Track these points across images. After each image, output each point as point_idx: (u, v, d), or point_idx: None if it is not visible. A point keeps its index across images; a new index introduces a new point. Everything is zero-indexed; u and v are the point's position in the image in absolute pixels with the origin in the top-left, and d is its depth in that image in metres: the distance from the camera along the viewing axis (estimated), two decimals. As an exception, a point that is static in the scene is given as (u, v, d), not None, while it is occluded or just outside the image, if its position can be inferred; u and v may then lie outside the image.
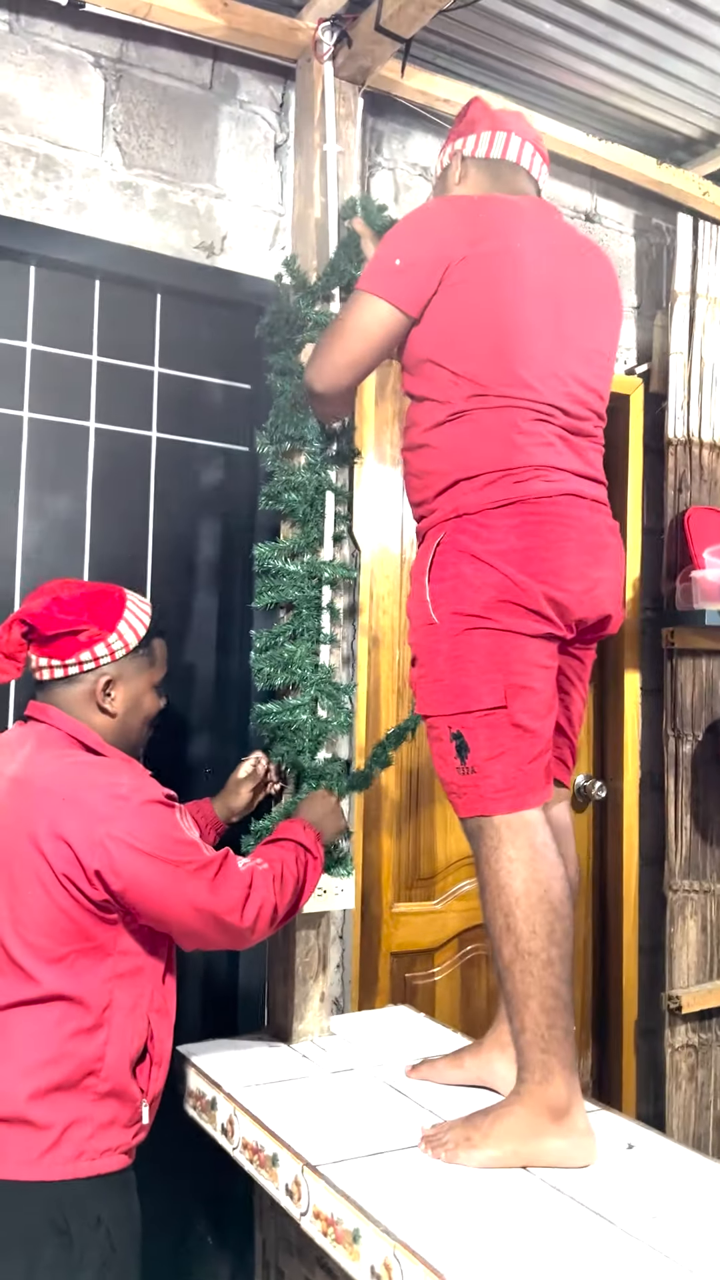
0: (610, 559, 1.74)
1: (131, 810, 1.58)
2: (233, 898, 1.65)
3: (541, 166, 1.93)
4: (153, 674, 1.82)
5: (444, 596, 1.66)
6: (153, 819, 1.60)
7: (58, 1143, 1.53)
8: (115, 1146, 1.60)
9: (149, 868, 1.57)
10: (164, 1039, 1.71)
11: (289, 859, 1.80)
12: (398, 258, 1.74)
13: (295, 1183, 1.61)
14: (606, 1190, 1.51)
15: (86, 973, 1.58)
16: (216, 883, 1.63)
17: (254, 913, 1.67)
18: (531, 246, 1.73)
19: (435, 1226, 1.40)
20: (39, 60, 2.24)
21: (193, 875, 1.60)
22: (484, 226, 1.72)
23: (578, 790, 3.00)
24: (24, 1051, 1.53)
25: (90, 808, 1.57)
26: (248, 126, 2.48)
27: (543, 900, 1.57)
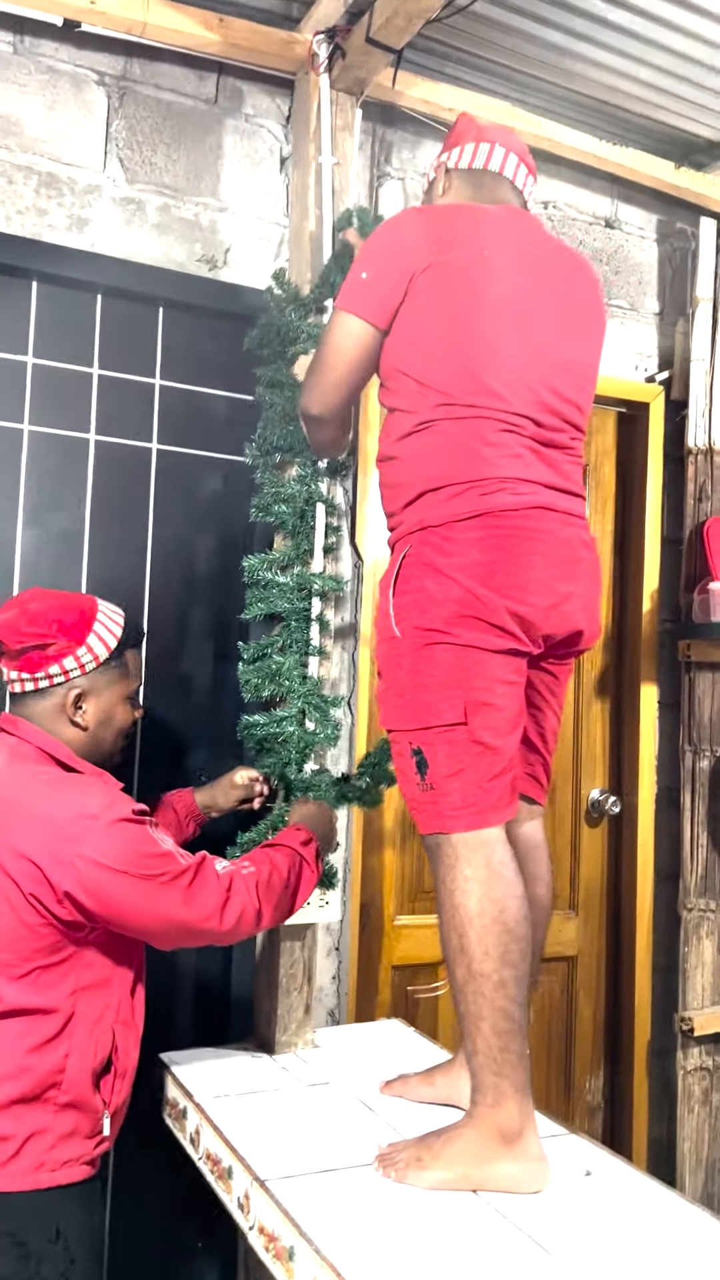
0: (582, 573, 1.71)
1: (100, 829, 1.57)
2: (209, 904, 1.64)
3: (527, 177, 1.91)
4: (126, 685, 1.82)
5: (406, 610, 1.65)
6: (122, 836, 1.59)
7: (17, 1154, 1.54)
8: (76, 1158, 1.60)
9: (121, 885, 1.56)
10: (129, 1051, 1.71)
11: (280, 863, 1.80)
12: (365, 271, 1.74)
13: (246, 1196, 1.61)
14: (553, 1218, 1.48)
15: (50, 986, 1.59)
16: (192, 890, 1.63)
17: (234, 916, 1.67)
18: (502, 255, 1.71)
19: (366, 1248, 1.38)
20: (43, 80, 2.28)
21: (166, 887, 1.60)
22: (451, 235, 1.70)
23: (591, 805, 2.95)
24: None
25: (58, 827, 1.57)
26: (252, 139, 2.50)
27: (496, 921, 1.54)
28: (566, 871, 2.94)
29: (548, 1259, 1.38)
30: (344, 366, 1.80)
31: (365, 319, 1.74)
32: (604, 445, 3.02)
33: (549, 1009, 2.89)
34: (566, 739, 2.94)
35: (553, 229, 2.89)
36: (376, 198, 2.65)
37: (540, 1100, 2.75)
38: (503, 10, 2.31)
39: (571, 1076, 2.91)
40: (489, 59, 2.51)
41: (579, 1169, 1.65)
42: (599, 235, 2.96)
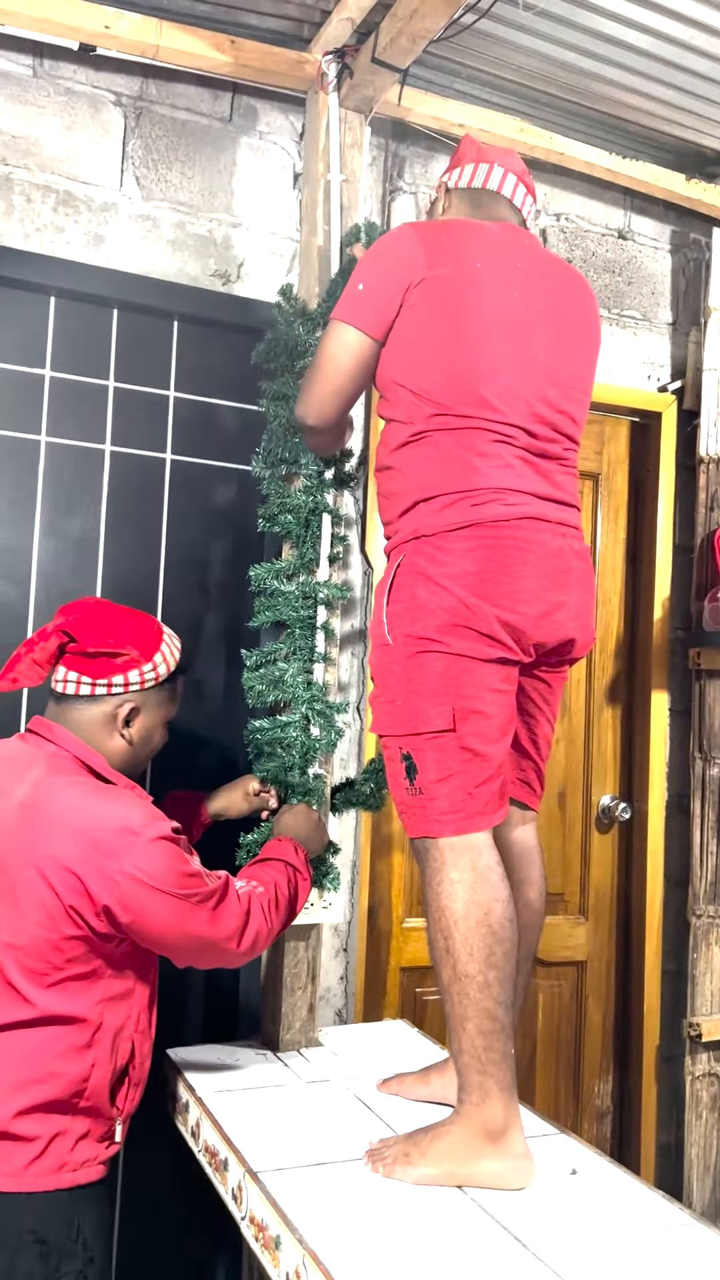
0: (574, 582, 1.74)
1: (142, 845, 1.59)
2: (231, 926, 1.69)
3: (526, 197, 1.95)
4: (170, 709, 1.86)
5: (399, 618, 1.69)
6: (163, 855, 1.61)
7: (42, 1154, 1.57)
8: (92, 1158, 1.64)
9: (157, 902, 1.59)
10: (144, 1060, 1.75)
11: (281, 881, 1.84)
12: (361, 283, 1.79)
13: (239, 1187, 1.66)
14: (534, 1214, 1.52)
15: (80, 995, 1.62)
16: (218, 914, 1.67)
17: (250, 940, 1.72)
18: (495, 269, 1.75)
19: (348, 1239, 1.42)
20: (61, 101, 2.35)
21: (197, 907, 1.64)
22: (444, 249, 1.75)
23: (602, 811, 2.98)
24: (13, 1070, 1.57)
25: (100, 841, 1.58)
26: (266, 156, 2.55)
27: (481, 923, 1.58)
28: (577, 877, 2.96)
29: (525, 1253, 1.41)
30: (340, 377, 1.84)
31: (361, 329, 1.79)
32: (616, 454, 3.05)
33: (558, 1013, 2.92)
34: (577, 745, 2.97)
35: (565, 241, 2.92)
36: (389, 212, 2.70)
37: (548, 1105, 2.78)
38: (510, 28, 2.34)
39: (580, 1081, 2.93)
40: (498, 75, 2.55)
41: (564, 1167, 1.68)
42: (612, 246, 2.99)
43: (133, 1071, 1.72)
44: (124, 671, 1.75)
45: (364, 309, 1.78)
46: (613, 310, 2.97)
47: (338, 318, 1.81)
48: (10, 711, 2.26)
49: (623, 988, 2.99)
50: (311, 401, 1.89)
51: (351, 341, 1.80)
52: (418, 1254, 1.40)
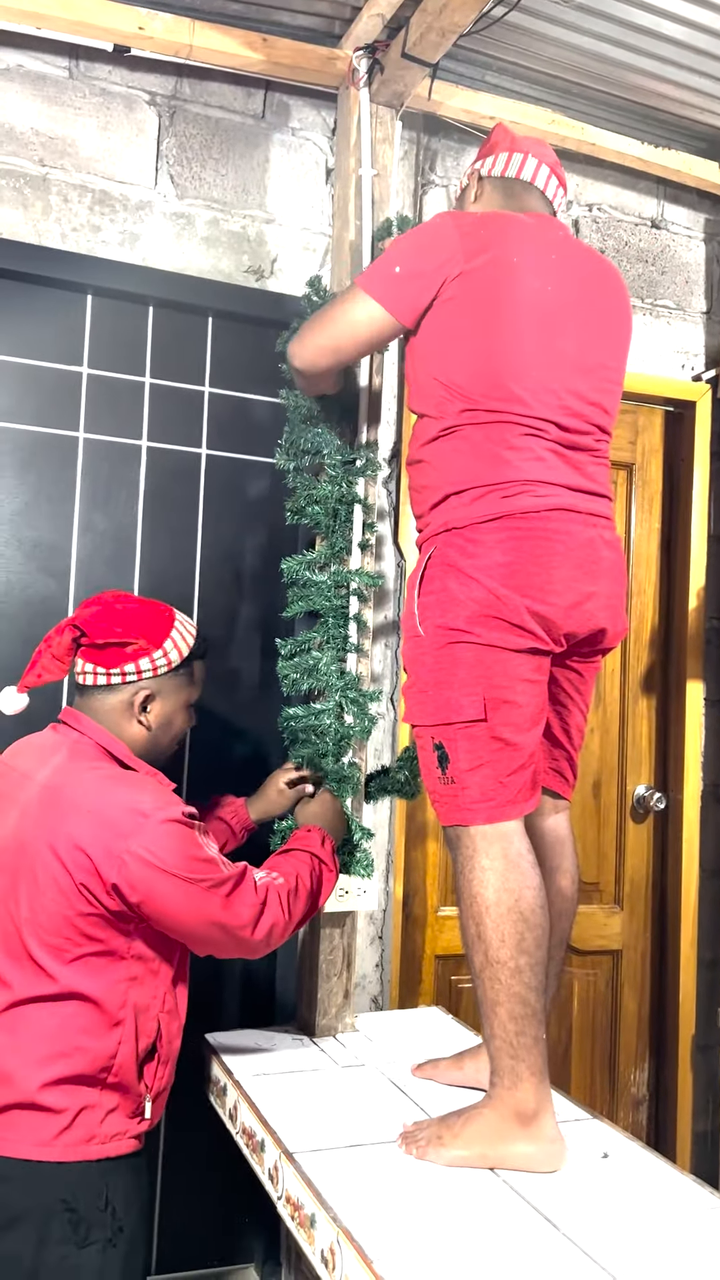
0: (605, 573, 1.75)
1: (151, 827, 1.63)
2: (245, 915, 1.71)
3: (557, 188, 1.96)
4: (189, 693, 1.89)
5: (430, 610, 1.72)
6: (172, 837, 1.65)
7: (70, 1126, 1.61)
8: (122, 1132, 1.67)
9: (166, 884, 1.63)
10: (172, 1039, 1.78)
11: (304, 872, 1.86)
12: (398, 265, 1.80)
13: (275, 1168, 1.70)
14: (566, 1197, 1.54)
15: (102, 973, 1.65)
16: (231, 900, 1.69)
17: (266, 929, 1.73)
18: (529, 261, 1.76)
19: (382, 1218, 1.46)
20: (96, 102, 2.39)
21: (208, 892, 1.66)
22: (481, 242, 1.76)
23: (637, 801, 2.98)
24: (38, 1044, 1.61)
25: (112, 822, 1.63)
26: (298, 152, 2.57)
27: (512, 910, 1.60)
28: (612, 867, 2.97)
29: (556, 1234, 1.43)
30: (349, 338, 1.87)
31: (388, 309, 1.80)
32: (651, 444, 3.05)
33: (593, 1002, 2.93)
34: (612, 735, 2.98)
35: (598, 231, 2.92)
36: (421, 206, 2.71)
37: (584, 1093, 2.80)
38: (540, 20, 2.35)
39: (616, 1070, 2.94)
40: (529, 67, 2.56)
41: (597, 1151, 1.70)
42: (645, 236, 2.98)
43: (160, 1049, 1.74)
44: (135, 660, 1.79)
45: (397, 291, 1.79)
46: (646, 300, 2.97)
47: (367, 290, 1.82)
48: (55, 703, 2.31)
49: (658, 977, 3.00)
50: (308, 348, 1.92)
51: (376, 316, 1.82)
52: (450, 1233, 1.43)
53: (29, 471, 2.33)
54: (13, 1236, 1.57)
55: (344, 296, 1.88)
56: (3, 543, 2.30)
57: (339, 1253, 1.43)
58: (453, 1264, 1.35)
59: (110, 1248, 1.61)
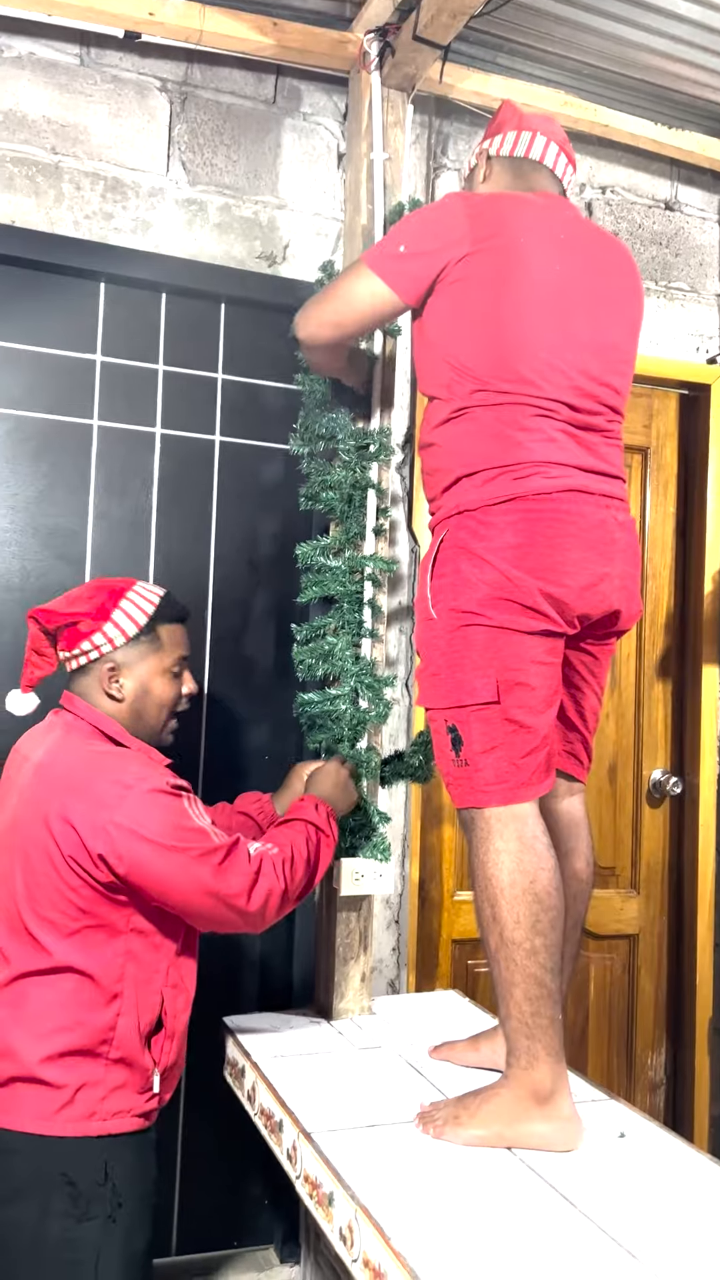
0: (619, 554, 1.75)
1: (135, 797, 1.65)
2: (238, 884, 1.69)
3: (566, 167, 1.95)
4: (160, 659, 1.85)
5: (442, 593, 1.72)
6: (157, 807, 1.66)
7: (70, 1102, 1.63)
8: (127, 1109, 1.68)
9: (151, 853, 1.63)
10: (178, 1013, 1.78)
11: (299, 841, 1.84)
12: (403, 244, 1.80)
13: (293, 1148, 1.71)
14: (583, 1176, 1.55)
15: (98, 948, 1.67)
16: (222, 869, 1.68)
17: (261, 898, 1.71)
18: (538, 243, 1.75)
19: (399, 1196, 1.47)
20: (108, 89, 2.39)
21: (197, 861, 1.66)
22: (489, 223, 1.75)
23: (653, 785, 2.98)
24: (38, 1018, 1.64)
25: (96, 795, 1.65)
26: (310, 137, 2.57)
27: (527, 891, 1.61)
28: (628, 851, 2.97)
29: (573, 1211, 1.44)
30: (351, 314, 1.89)
31: (393, 288, 1.81)
32: (665, 427, 3.03)
33: (610, 986, 2.94)
34: (628, 720, 2.98)
35: (611, 214, 2.90)
36: (433, 189, 2.70)
37: (601, 1077, 2.81)
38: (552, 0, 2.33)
39: (633, 1053, 2.95)
40: (541, 48, 2.54)
41: (614, 1131, 1.71)
42: (659, 218, 2.96)
43: (166, 1023, 1.74)
44: (89, 636, 1.80)
45: (401, 270, 1.80)
46: (660, 282, 2.96)
47: (371, 266, 1.82)
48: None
49: (675, 960, 3.00)
50: (311, 321, 1.94)
51: (379, 293, 1.83)
52: (467, 1210, 1.43)
53: (44, 459, 2.34)
54: (17, 1208, 1.60)
55: (349, 272, 1.89)
56: (19, 530, 2.31)
57: (357, 1229, 1.44)
58: (470, 1240, 1.36)
59: (110, 1224, 1.62)
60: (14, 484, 2.31)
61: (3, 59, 2.31)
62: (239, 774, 2.45)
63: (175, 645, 1.88)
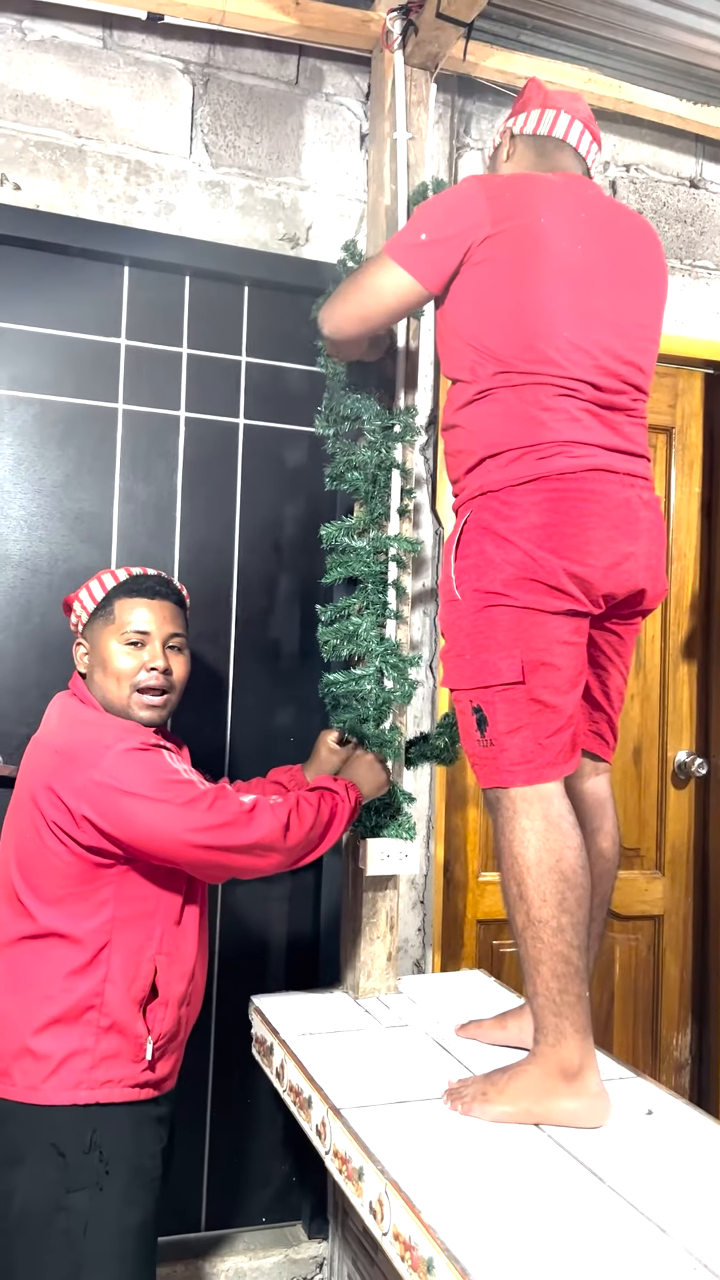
0: (644, 533, 1.74)
1: (113, 756, 1.68)
2: (230, 813, 1.69)
3: (591, 144, 1.94)
4: (111, 630, 1.85)
5: (467, 573, 1.72)
6: (135, 762, 1.68)
7: (56, 1071, 1.65)
8: (117, 1079, 1.69)
9: (136, 805, 1.65)
10: (173, 981, 1.76)
11: (310, 797, 1.85)
12: (424, 232, 1.80)
13: (323, 1123, 1.73)
14: (611, 1151, 1.56)
15: (85, 915, 1.69)
16: (213, 808, 1.68)
17: (262, 827, 1.71)
18: (559, 223, 1.75)
19: (428, 1170, 1.48)
20: (130, 72, 2.39)
21: (185, 808, 1.67)
22: (509, 205, 1.75)
23: (678, 767, 2.98)
24: (29, 985, 1.68)
25: (74, 756, 1.70)
26: (332, 118, 2.56)
27: (553, 870, 1.61)
28: (653, 833, 2.97)
29: (602, 1186, 1.45)
30: (376, 308, 1.89)
31: (416, 277, 1.81)
32: (690, 407, 3.02)
33: (635, 967, 2.94)
34: (652, 701, 2.97)
35: (635, 192, 2.88)
36: (456, 168, 2.69)
37: (626, 1057, 2.81)
38: (576, -24, 2.32)
39: (658, 1034, 2.95)
40: (565, 25, 2.52)
41: (641, 1108, 1.71)
42: (683, 196, 2.94)
43: (160, 992, 1.74)
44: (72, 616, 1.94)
45: (423, 258, 1.80)
46: (685, 260, 2.94)
47: (393, 257, 1.82)
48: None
49: (700, 941, 3.00)
50: (337, 315, 1.94)
51: (402, 283, 1.82)
52: (496, 1184, 1.45)
53: (70, 444, 2.35)
54: (11, 1175, 1.64)
55: (371, 264, 1.88)
56: (46, 514, 2.33)
57: (387, 1203, 1.45)
58: (499, 1213, 1.37)
59: (98, 1193, 1.63)
60: (40, 468, 2.33)
61: (26, 42, 2.31)
62: (264, 754, 2.46)
63: (130, 618, 1.86)
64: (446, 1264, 1.28)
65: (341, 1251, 2.26)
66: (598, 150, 1.96)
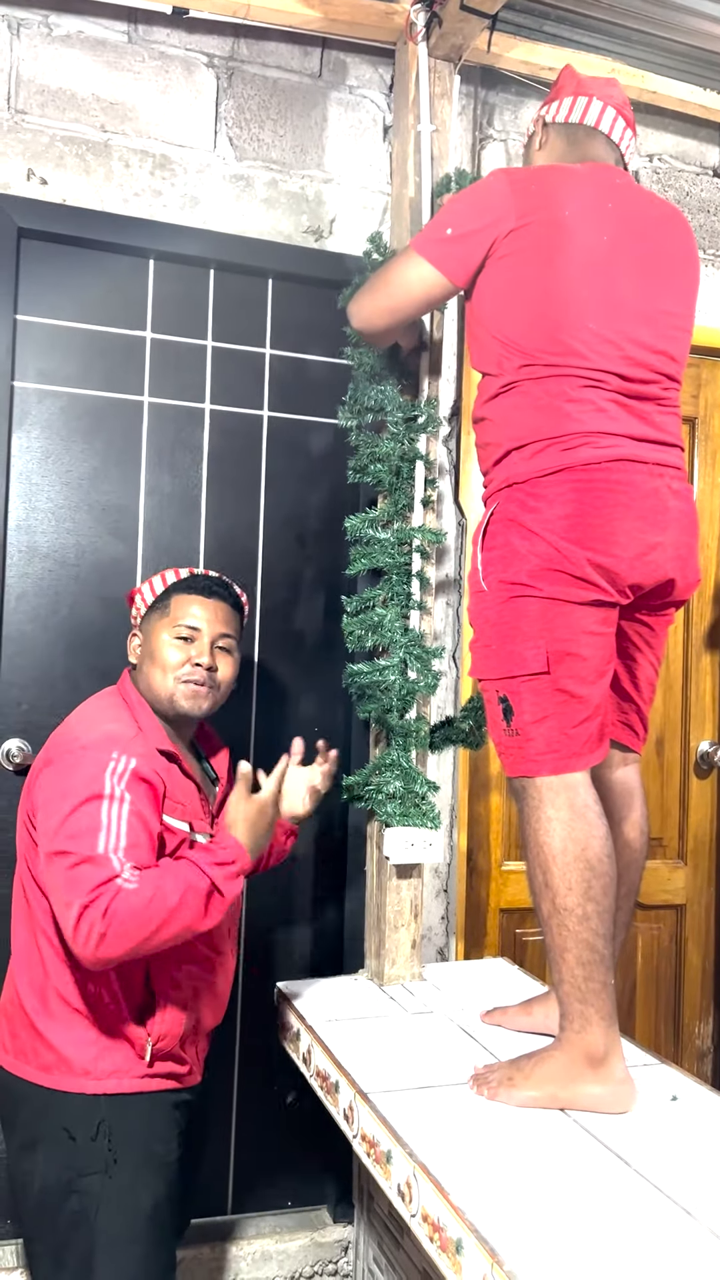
0: (672, 522, 1.74)
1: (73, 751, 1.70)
2: (68, 898, 1.56)
3: (625, 131, 1.93)
4: (165, 624, 1.88)
5: (493, 565, 1.73)
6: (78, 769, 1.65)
7: (65, 1059, 1.68)
8: (123, 1070, 1.69)
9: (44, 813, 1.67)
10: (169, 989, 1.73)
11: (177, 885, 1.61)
12: (450, 227, 1.81)
13: (350, 1108, 1.75)
14: (636, 1136, 1.57)
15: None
16: (86, 909, 1.53)
17: (84, 934, 1.54)
18: (584, 214, 1.75)
19: (456, 1154, 1.50)
20: (155, 66, 2.40)
21: (69, 870, 1.57)
22: (533, 197, 1.76)
23: (700, 757, 2.98)
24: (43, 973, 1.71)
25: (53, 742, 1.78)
26: (356, 110, 2.57)
27: (579, 859, 1.63)
28: (675, 822, 2.98)
29: (628, 1170, 1.47)
30: (404, 302, 1.91)
31: (442, 271, 1.82)
32: (714, 397, 3.01)
33: (657, 955, 2.95)
34: (675, 691, 2.98)
35: (659, 182, 2.88)
36: (479, 160, 2.70)
37: (649, 1045, 2.82)
38: (600, -34, 2.32)
39: (680, 1022, 2.96)
40: (588, 15, 2.52)
41: (666, 1094, 1.73)
42: (707, 185, 2.94)
43: (159, 996, 1.72)
44: (133, 604, 2.00)
45: (449, 253, 1.81)
46: (708, 250, 2.93)
47: (420, 252, 1.84)
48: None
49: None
50: (365, 309, 1.98)
51: (428, 277, 1.84)
52: (523, 1167, 1.47)
53: (97, 437, 2.37)
54: (32, 1157, 1.69)
55: (399, 258, 1.90)
56: (73, 507, 2.35)
57: (415, 1185, 1.48)
58: (526, 1195, 1.39)
59: (107, 1178, 1.66)
60: (68, 461, 2.35)
61: (52, 37, 2.33)
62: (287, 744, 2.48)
63: (182, 614, 1.89)
64: (475, 1244, 1.30)
65: (366, 1235, 2.29)
66: (632, 136, 1.95)
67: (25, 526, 2.32)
